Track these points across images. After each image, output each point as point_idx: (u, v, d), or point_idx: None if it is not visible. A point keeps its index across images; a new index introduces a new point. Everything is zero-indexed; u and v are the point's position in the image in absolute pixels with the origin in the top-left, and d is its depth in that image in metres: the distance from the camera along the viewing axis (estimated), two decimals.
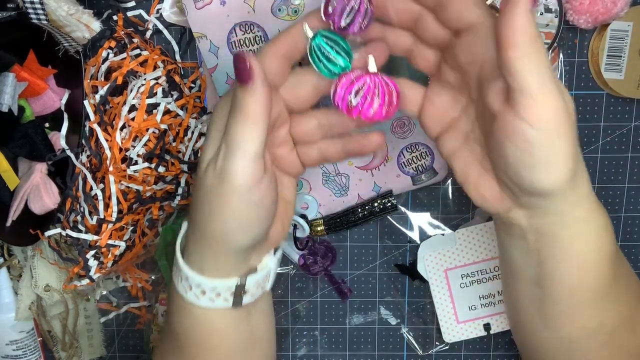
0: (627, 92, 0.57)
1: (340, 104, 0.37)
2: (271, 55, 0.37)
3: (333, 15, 0.36)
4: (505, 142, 0.34)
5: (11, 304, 0.61)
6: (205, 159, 0.38)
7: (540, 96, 0.32)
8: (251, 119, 0.35)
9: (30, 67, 0.52)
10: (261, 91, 0.35)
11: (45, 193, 0.55)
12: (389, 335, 0.65)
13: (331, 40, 0.36)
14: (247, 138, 0.35)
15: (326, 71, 0.37)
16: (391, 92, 0.37)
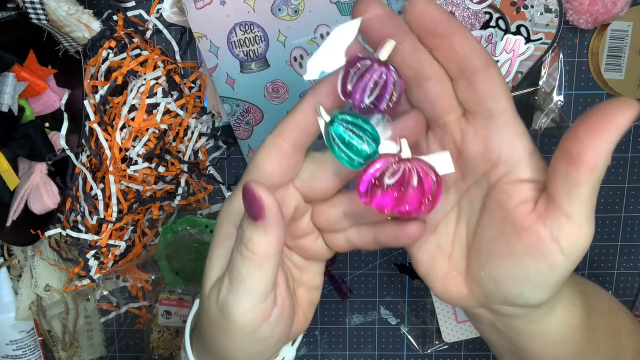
0: (627, 92, 0.57)
1: (368, 200, 0.30)
2: (277, 150, 0.31)
3: (353, 93, 0.29)
4: (523, 258, 0.30)
5: (11, 304, 0.61)
6: (210, 279, 0.33)
7: (585, 227, 0.29)
8: (259, 260, 0.30)
9: (30, 67, 0.52)
10: (273, 231, 0.29)
11: (45, 193, 0.55)
12: (389, 335, 0.65)
13: (353, 125, 0.29)
14: (254, 279, 0.30)
15: (348, 161, 0.29)
16: (431, 181, 0.30)
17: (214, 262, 0.33)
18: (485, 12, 0.54)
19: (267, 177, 0.31)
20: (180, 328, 0.62)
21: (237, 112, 0.56)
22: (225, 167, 0.61)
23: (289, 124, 0.31)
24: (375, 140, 0.29)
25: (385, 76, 0.28)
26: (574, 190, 0.28)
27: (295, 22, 0.53)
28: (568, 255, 0.29)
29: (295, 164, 0.32)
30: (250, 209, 0.29)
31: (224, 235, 0.33)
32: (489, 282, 0.33)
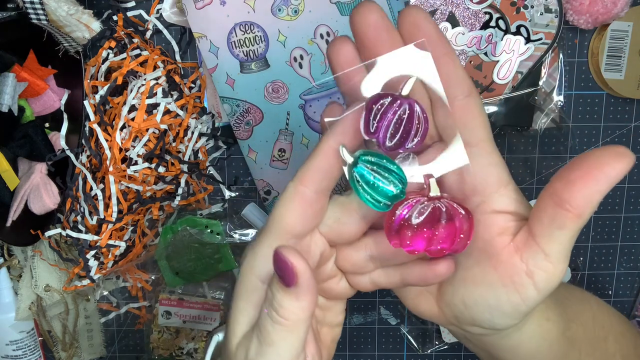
0: (627, 92, 0.57)
1: (398, 243, 0.29)
2: (300, 199, 0.30)
3: (377, 132, 0.27)
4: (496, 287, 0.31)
5: (11, 304, 0.61)
6: (235, 334, 0.32)
7: (560, 265, 0.29)
8: (290, 326, 0.29)
9: (30, 67, 0.52)
10: (306, 297, 0.28)
11: (45, 193, 0.55)
12: (389, 335, 0.65)
13: (377, 165, 0.28)
14: (285, 343, 0.29)
15: (374, 204, 0.28)
16: (462, 220, 0.29)
17: (240, 317, 0.32)
18: (485, 12, 0.54)
19: (291, 227, 0.30)
20: (180, 328, 0.62)
21: (237, 112, 0.56)
22: (225, 167, 0.61)
23: (310, 169, 0.29)
24: (402, 180, 0.28)
25: (409, 112, 0.27)
26: (557, 232, 0.28)
27: (295, 22, 0.53)
28: (540, 290, 0.30)
29: (319, 210, 0.31)
30: (282, 275, 0.28)
31: (249, 288, 0.31)
32: (460, 305, 0.33)
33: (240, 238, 0.60)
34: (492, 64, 0.55)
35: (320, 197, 0.30)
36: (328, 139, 0.29)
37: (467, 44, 0.55)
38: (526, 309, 0.31)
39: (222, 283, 0.63)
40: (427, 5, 0.54)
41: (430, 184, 0.29)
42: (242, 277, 0.32)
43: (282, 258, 0.27)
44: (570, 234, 0.28)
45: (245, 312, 0.32)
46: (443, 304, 0.34)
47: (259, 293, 0.31)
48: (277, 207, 0.30)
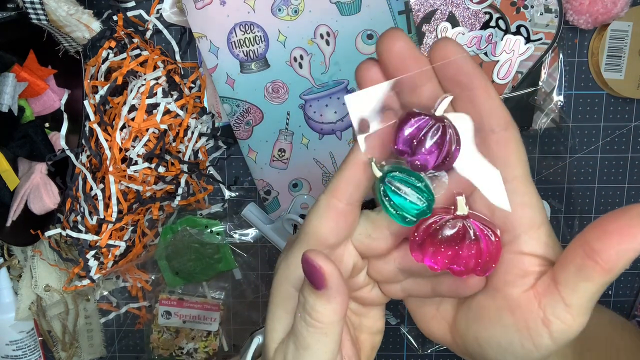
0: (627, 92, 0.57)
1: (420, 258, 0.29)
2: (332, 211, 0.30)
3: (408, 150, 0.28)
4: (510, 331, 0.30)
5: (11, 304, 0.61)
6: (273, 340, 0.33)
7: (580, 318, 0.28)
8: (324, 328, 0.30)
9: (30, 67, 0.52)
10: (336, 299, 0.29)
11: (45, 193, 0.55)
12: (389, 335, 0.65)
13: (405, 182, 0.28)
14: (320, 345, 0.30)
15: (401, 219, 0.28)
16: (488, 242, 0.28)
17: (276, 324, 0.33)
18: (485, 12, 0.54)
19: (324, 238, 0.30)
20: (180, 328, 0.62)
21: (237, 112, 0.56)
22: (225, 167, 0.61)
23: (341, 182, 0.30)
24: (429, 197, 0.28)
25: (441, 133, 0.27)
26: (583, 284, 0.27)
27: (295, 22, 0.53)
28: (556, 340, 0.29)
29: (352, 222, 0.31)
30: (311, 279, 0.29)
31: (284, 296, 0.32)
32: (472, 341, 0.32)
33: (240, 238, 0.60)
34: (492, 63, 0.55)
35: (352, 209, 0.30)
36: (357, 150, 0.29)
37: (467, 44, 0.55)
38: (539, 356, 0.29)
39: (222, 283, 0.63)
40: (427, 5, 0.54)
41: (458, 202, 0.29)
42: (277, 286, 0.32)
43: (310, 262, 0.28)
44: (596, 288, 0.27)
45: (281, 320, 0.32)
46: (456, 334, 0.33)
47: (294, 300, 0.32)
48: (310, 219, 0.31)
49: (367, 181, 0.29)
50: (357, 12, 0.53)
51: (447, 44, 0.27)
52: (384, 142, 0.29)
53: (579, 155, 0.60)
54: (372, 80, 0.29)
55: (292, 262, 0.32)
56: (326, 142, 0.57)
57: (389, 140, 0.28)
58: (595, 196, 0.61)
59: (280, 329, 0.32)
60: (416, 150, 0.27)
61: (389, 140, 0.28)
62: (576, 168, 0.60)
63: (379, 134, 0.29)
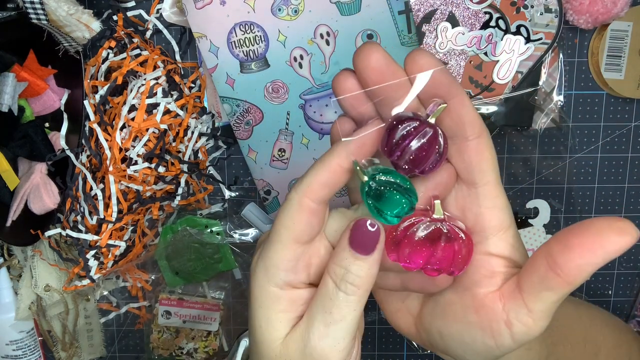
0: (627, 92, 0.57)
1: (396, 258, 0.31)
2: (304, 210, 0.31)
3: (396, 152, 0.28)
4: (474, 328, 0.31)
5: (11, 304, 0.61)
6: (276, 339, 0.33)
7: (541, 322, 0.29)
8: (362, 294, 0.31)
9: (30, 67, 0.52)
10: (377, 264, 0.31)
11: (45, 193, 0.55)
12: (389, 335, 0.65)
13: (391, 184, 0.28)
14: (354, 314, 0.31)
15: (384, 219, 0.29)
16: (461, 244, 0.30)
17: (275, 324, 0.33)
18: (485, 12, 0.54)
19: (298, 237, 0.31)
20: (180, 328, 0.62)
21: (237, 112, 0.56)
22: (225, 167, 0.61)
23: (315, 183, 0.30)
24: (413, 199, 0.29)
25: (431, 139, 0.28)
26: (545, 293, 0.28)
27: (295, 22, 0.53)
28: (516, 340, 0.30)
29: (322, 218, 0.32)
30: (365, 243, 0.30)
31: (271, 298, 0.32)
32: (436, 335, 0.33)
33: (240, 238, 0.60)
34: (492, 63, 0.55)
35: (322, 207, 0.31)
36: (338, 155, 0.30)
37: (467, 44, 0.55)
38: (499, 353, 0.31)
39: (222, 283, 0.63)
40: (427, 5, 0.54)
41: (435, 206, 0.30)
42: (259, 290, 0.33)
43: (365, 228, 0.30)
44: (557, 297, 0.28)
45: (279, 318, 0.33)
46: (421, 327, 0.35)
47: (283, 300, 0.32)
48: (283, 218, 0.31)
49: (341, 184, 0.30)
50: (357, 12, 0.53)
51: (422, 56, 0.28)
52: (367, 145, 0.30)
53: (579, 155, 0.60)
54: (349, 90, 0.30)
55: (269, 263, 0.32)
56: (326, 142, 0.57)
57: (371, 144, 0.29)
58: (595, 196, 0.61)
59: (281, 327, 0.32)
60: (405, 154, 0.28)
61: (371, 144, 0.29)
62: (576, 168, 0.60)
63: (363, 138, 0.29)
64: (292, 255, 0.31)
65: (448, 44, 0.55)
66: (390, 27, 0.53)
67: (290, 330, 0.32)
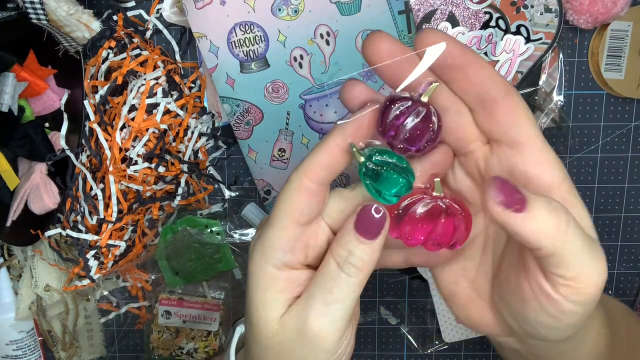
0: (627, 92, 0.57)
1: (397, 235, 0.31)
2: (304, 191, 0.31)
3: (391, 132, 0.29)
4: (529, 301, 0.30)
5: (11, 304, 0.61)
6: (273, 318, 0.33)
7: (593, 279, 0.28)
8: (363, 276, 0.31)
9: (30, 67, 0.52)
10: (380, 248, 0.31)
11: (45, 193, 0.55)
12: (389, 335, 0.65)
13: (387, 163, 0.29)
14: (353, 296, 0.31)
15: (383, 198, 0.30)
16: (460, 219, 0.30)
17: (271, 304, 0.33)
18: (485, 12, 0.54)
19: (297, 217, 0.31)
20: (180, 328, 0.62)
21: (237, 112, 0.56)
22: (225, 167, 0.61)
23: (315, 165, 0.31)
24: (410, 178, 0.29)
25: (425, 118, 0.28)
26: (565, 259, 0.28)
27: (295, 22, 0.53)
28: (576, 302, 0.29)
29: (322, 200, 0.32)
30: (370, 228, 0.30)
31: (269, 279, 0.33)
32: (508, 316, 0.33)
33: (240, 238, 0.60)
34: (492, 63, 0.55)
35: (323, 188, 0.31)
36: (336, 137, 0.30)
37: (467, 44, 0.55)
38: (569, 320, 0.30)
39: (222, 283, 0.63)
40: (427, 5, 0.54)
41: (435, 183, 0.30)
42: (257, 270, 0.33)
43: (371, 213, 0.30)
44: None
45: (276, 298, 0.33)
46: (497, 312, 0.34)
47: (280, 281, 0.32)
48: (282, 199, 0.32)
49: (341, 165, 0.31)
50: (357, 12, 0.53)
51: (431, 32, 0.28)
52: (363, 127, 0.30)
53: (579, 155, 0.60)
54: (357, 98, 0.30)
55: (267, 244, 0.32)
56: None
57: (368, 125, 0.30)
58: (595, 196, 0.61)
59: (277, 307, 0.33)
60: (400, 133, 0.28)
61: (368, 125, 0.30)
62: (576, 168, 0.60)
63: (359, 120, 0.30)
64: (290, 235, 0.32)
65: None
66: (390, 27, 0.53)
67: (287, 310, 0.33)
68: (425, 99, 0.29)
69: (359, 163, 0.29)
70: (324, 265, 0.32)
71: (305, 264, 0.33)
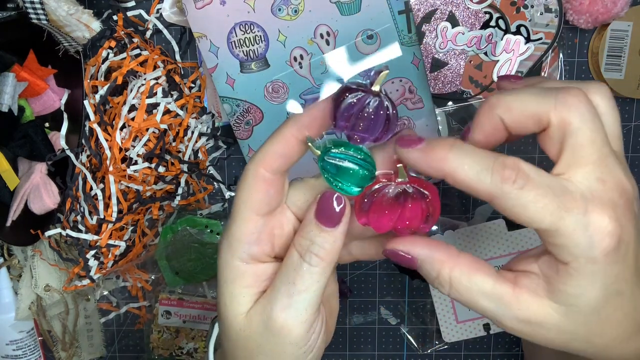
0: (627, 92, 0.57)
1: (366, 221, 0.31)
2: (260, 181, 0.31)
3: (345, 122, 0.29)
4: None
5: (11, 304, 0.61)
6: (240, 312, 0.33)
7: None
8: (326, 266, 0.31)
9: (30, 67, 0.52)
10: (342, 237, 0.31)
11: (45, 193, 0.55)
12: (389, 335, 0.65)
13: (345, 154, 0.29)
14: (317, 286, 0.31)
15: (345, 190, 0.30)
16: (427, 202, 0.30)
17: (238, 299, 0.33)
18: (485, 12, 0.54)
19: (257, 208, 0.32)
20: (180, 328, 0.62)
21: (237, 112, 0.56)
22: (225, 167, 0.61)
23: (269, 154, 0.31)
24: (370, 167, 0.30)
25: (378, 106, 0.29)
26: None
27: (295, 22, 0.53)
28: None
29: (280, 189, 0.32)
30: (330, 216, 0.31)
31: (236, 273, 0.33)
32: None
33: None
34: (492, 63, 0.55)
35: (280, 177, 0.32)
36: (291, 127, 0.31)
37: (467, 44, 0.55)
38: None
39: None
40: (427, 4, 0.54)
41: (398, 170, 0.30)
42: (225, 265, 0.33)
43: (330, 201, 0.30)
44: None
45: (243, 293, 0.33)
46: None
47: (247, 275, 0.33)
48: (241, 191, 0.32)
49: (297, 155, 0.31)
50: (357, 12, 0.53)
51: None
52: (318, 118, 0.30)
53: None
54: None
55: (233, 239, 0.32)
56: None
57: (322, 116, 0.30)
58: None
59: (244, 302, 0.33)
60: (354, 124, 0.29)
61: (322, 116, 0.30)
62: None
63: (313, 110, 0.30)
64: (253, 227, 0.32)
65: (448, 43, 0.55)
66: (390, 27, 0.53)
67: (253, 304, 0.33)
68: (377, 88, 0.29)
69: (318, 158, 0.30)
70: (287, 257, 0.32)
71: (273, 256, 0.33)
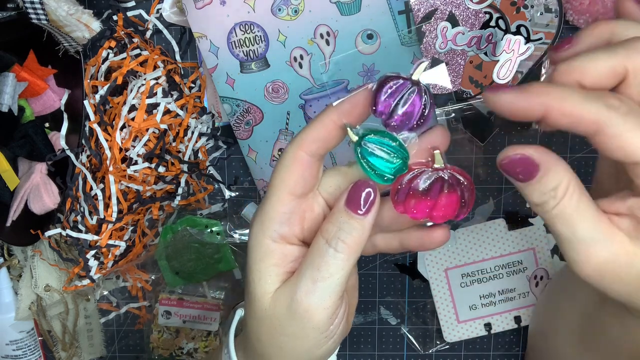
0: None
1: (403, 209, 0.31)
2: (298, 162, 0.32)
3: (384, 110, 0.30)
4: None
5: (11, 304, 0.61)
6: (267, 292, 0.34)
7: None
8: (352, 253, 0.32)
9: (30, 67, 0.52)
10: (370, 225, 0.32)
11: (45, 193, 0.55)
12: (389, 335, 0.65)
13: (381, 142, 0.30)
14: (342, 273, 0.32)
15: (379, 178, 0.31)
16: (464, 189, 0.31)
17: (266, 277, 0.34)
18: (485, 12, 0.54)
19: (292, 188, 0.33)
20: (180, 328, 0.62)
21: (237, 112, 0.56)
22: (225, 167, 0.61)
23: (309, 137, 0.32)
24: (404, 155, 0.31)
25: (415, 95, 0.30)
26: None
27: (295, 22, 0.53)
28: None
29: (316, 173, 0.33)
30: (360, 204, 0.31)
31: (266, 251, 0.34)
32: None
33: (240, 238, 0.60)
34: (492, 63, 0.55)
35: (317, 161, 0.33)
36: (332, 113, 0.32)
37: (467, 44, 0.55)
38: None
39: (222, 283, 0.63)
40: (427, 5, 0.54)
41: (434, 156, 0.31)
42: (256, 243, 0.34)
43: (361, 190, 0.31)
44: None
45: (270, 271, 0.34)
46: None
47: (275, 254, 0.33)
48: (278, 171, 0.33)
49: (335, 140, 0.32)
50: (357, 12, 0.53)
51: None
52: (359, 106, 0.31)
53: (579, 155, 0.60)
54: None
55: (265, 217, 0.33)
56: None
57: (363, 104, 0.31)
58: None
59: (272, 281, 0.34)
60: (393, 111, 0.30)
61: (363, 104, 0.31)
62: (576, 168, 0.60)
63: (354, 98, 0.31)
64: (286, 207, 0.33)
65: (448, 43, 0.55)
66: (390, 27, 0.53)
67: (280, 285, 0.33)
68: (416, 78, 0.30)
69: (353, 143, 0.31)
70: (314, 242, 0.33)
71: (301, 239, 0.34)
